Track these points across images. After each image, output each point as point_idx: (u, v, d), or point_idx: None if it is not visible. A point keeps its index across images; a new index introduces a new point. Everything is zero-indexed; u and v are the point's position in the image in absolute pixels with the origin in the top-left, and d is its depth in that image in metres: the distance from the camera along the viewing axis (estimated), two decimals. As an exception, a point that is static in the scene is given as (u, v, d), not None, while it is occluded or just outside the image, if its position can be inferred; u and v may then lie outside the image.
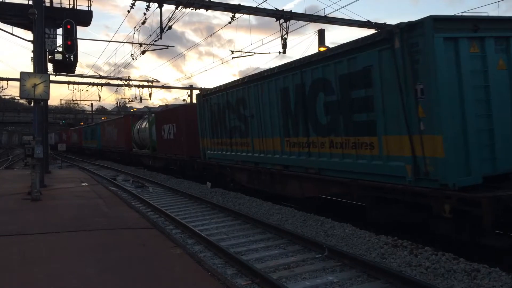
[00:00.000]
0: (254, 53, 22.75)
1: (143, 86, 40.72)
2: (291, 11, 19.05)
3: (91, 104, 60.99)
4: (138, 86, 40.72)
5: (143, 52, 22.84)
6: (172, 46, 23.49)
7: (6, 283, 5.08)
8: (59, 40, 16.97)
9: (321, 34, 20.92)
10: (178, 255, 6.33)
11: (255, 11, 18.41)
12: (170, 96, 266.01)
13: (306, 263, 6.71)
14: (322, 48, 18.34)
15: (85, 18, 19.00)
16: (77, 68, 22.46)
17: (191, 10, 17.26)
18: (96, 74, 38.54)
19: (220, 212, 11.23)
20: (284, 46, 19.65)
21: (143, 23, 18.39)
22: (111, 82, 39.65)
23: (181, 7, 16.64)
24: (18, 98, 38.09)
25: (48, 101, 17.36)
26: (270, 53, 22.58)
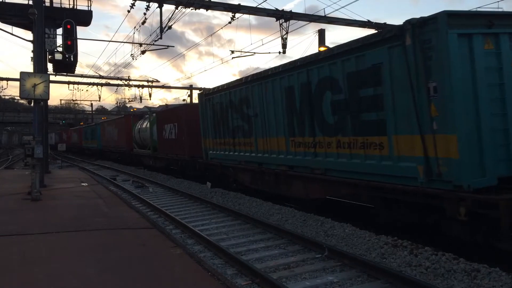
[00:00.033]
0: (254, 53, 22.75)
1: (143, 86, 40.75)
2: (291, 11, 19.04)
3: (91, 104, 61.14)
4: (138, 86, 40.75)
5: (143, 52, 22.85)
6: (172, 46, 23.53)
7: (6, 283, 5.08)
8: (59, 40, 17.02)
9: (321, 34, 20.90)
10: (178, 255, 6.33)
11: (255, 11, 18.41)
12: (170, 96, 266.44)
13: (306, 263, 6.71)
14: (322, 48, 18.32)
15: (85, 18, 19.00)
16: (77, 68, 22.53)
17: (191, 10, 17.28)
18: (96, 74, 38.67)
19: (220, 212, 11.23)
20: (284, 46, 19.65)
21: (143, 23, 18.41)
22: (111, 82, 39.75)
23: (181, 7, 16.64)
24: (18, 98, 38.06)
25: (48, 101, 17.36)
26: (270, 53, 22.56)
